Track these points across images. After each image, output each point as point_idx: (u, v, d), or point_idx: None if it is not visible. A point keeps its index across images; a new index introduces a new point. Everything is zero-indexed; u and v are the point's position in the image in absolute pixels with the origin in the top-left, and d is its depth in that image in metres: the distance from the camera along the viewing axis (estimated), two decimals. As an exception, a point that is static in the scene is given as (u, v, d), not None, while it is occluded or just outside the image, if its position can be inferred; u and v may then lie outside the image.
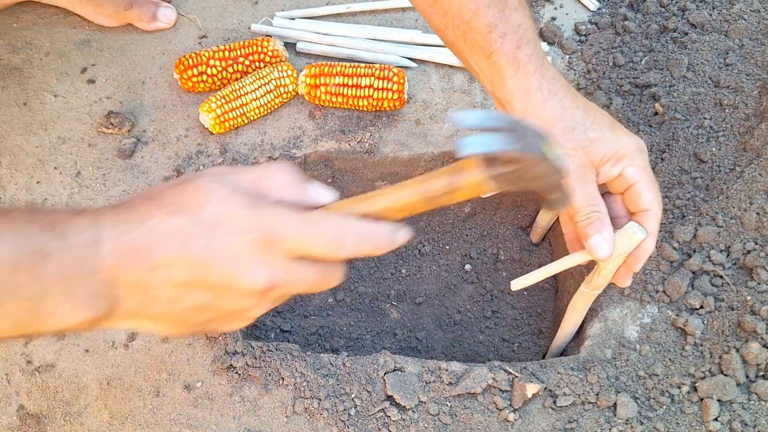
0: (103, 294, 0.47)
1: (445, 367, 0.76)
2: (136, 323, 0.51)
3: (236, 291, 0.50)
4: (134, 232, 0.47)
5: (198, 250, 0.47)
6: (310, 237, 0.50)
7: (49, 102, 0.99)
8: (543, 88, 0.68)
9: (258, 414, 0.75)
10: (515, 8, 0.68)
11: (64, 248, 0.45)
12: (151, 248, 0.47)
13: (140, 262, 0.47)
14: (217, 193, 0.49)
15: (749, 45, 0.98)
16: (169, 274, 0.48)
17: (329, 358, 0.77)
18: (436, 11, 0.70)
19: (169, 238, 0.47)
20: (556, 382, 0.76)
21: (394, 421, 0.73)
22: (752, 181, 0.84)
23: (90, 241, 0.46)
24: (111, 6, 1.05)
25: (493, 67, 0.69)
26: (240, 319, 0.54)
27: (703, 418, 0.73)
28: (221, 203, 0.49)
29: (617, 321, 0.81)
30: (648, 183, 0.69)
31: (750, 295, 0.78)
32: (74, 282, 0.45)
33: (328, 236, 0.50)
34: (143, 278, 0.47)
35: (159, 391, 0.77)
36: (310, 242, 0.50)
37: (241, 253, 0.48)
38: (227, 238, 0.48)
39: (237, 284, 0.49)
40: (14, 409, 0.76)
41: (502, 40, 0.67)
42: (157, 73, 1.03)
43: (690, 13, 1.04)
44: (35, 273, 0.44)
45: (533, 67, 0.68)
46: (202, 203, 0.49)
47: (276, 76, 0.97)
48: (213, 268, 0.48)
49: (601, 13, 1.14)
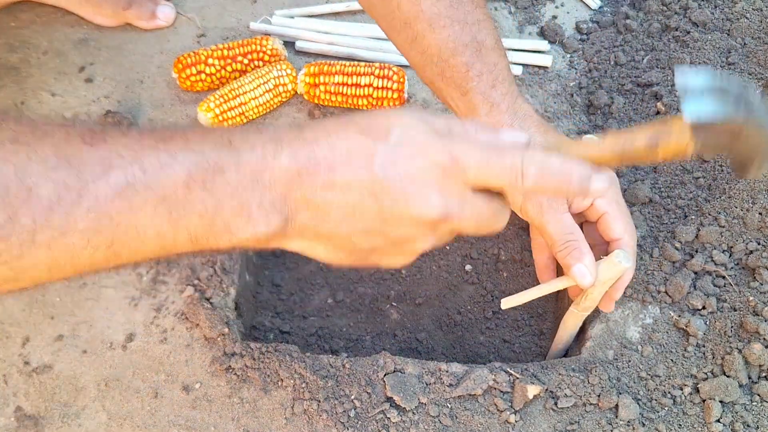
0: (277, 208, 0.47)
1: (445, 368, 0.76)
2: (305, 243, 0.50)
3: (409, 216, 0.48)
4: (315, 145, 0.47)
5: (379, 168, 0.47)
6: (493, 163, 0.48)
7: (47, 101, 0.99)
8: (514, 125, 0.71)
9: (257, 415, 0.74)
10: (491, 48, 0.71)
11: (239, 163, 0.46)
12: (333, 163, 0.47)
13: (318, 177, 0.47)
14: (406, 119, 0.49)
15: (751, 44, 0.98)
16: (345, 192, 0.47)
17: (329, 359, 0.77)
18: (415, 48, 0.72)
19: (352, 155, 0.47)
20: (557, 383, 0.75)
21: (394, 422, 0.72)
22: (755, 181, 0.84)
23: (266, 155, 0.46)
24: (110, 6, 1.05)
25: (468, 105, 0.71)
26: (404, 252, 0.52)
27: (705, 420, 0.73)
28: (410, 127, 0.48)
29: (619, 322, 0.80)
30: (617, 213, 0.71)
31: (752, 296, 0.78)
32: (248, 197, 0.46)
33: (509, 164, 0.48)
34: (318, 193, 0.47)
35: (157, 392, 0.76)
36: (492, 169, 0.48)
37: (422, 177, 0.47)
38: (410, 160, 0.47)
39: (411, 208, 0.48)
40: (11, 411, 0.75)
41: (478, 79, 0.70)
42: (155, 72, 1.03)
43: (692, 11, 1.04)
44: (209, 188, 0.45)
45: (506, 105, 0.71)
46: (390, 126, 0.48)
47: (275, 75, 0.97)
48: (391, 189, 0.47)
49: (602, 11, 1.14)
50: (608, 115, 1.00)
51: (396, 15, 0.71)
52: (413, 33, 0.71)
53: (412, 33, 0.71)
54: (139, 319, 0.81)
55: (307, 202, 0.47)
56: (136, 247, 0.45)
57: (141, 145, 0.44)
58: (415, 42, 0.71)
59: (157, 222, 0.44)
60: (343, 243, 0.50)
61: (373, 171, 0.47)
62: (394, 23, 0.72)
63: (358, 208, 0.48)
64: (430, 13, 0.69)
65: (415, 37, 0.71)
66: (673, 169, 0.91)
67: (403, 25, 0.71)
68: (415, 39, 0.71)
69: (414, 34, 0.71)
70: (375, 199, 0.47)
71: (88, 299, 0.82)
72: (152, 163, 0.44)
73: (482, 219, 0.51)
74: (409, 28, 0.71)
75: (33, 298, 0.82)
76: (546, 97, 1.03)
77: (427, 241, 0.51)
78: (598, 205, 0.71)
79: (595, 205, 0.71)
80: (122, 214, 0.43)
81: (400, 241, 0.51)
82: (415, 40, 0.71)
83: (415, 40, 0.71)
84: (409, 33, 0.71)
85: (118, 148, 0.44)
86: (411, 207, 0.48)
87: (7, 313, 0.81)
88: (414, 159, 0.47)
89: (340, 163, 0.47)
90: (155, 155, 0.44)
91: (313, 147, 0.47)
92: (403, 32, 0.72)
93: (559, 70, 1.07)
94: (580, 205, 0.72)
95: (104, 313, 0.82)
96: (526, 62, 1.06)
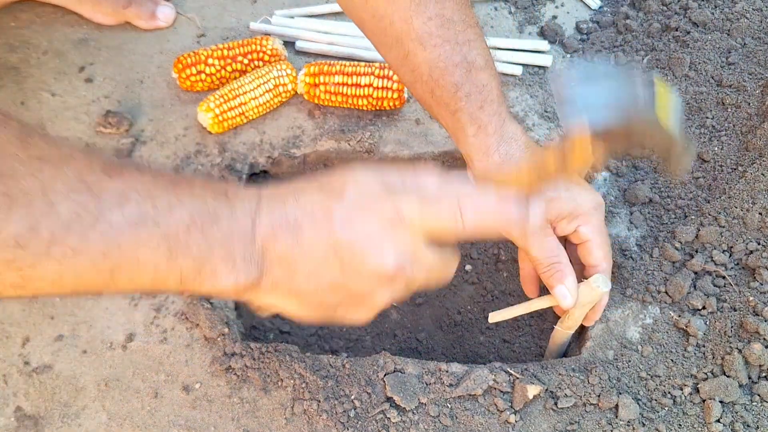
0: (256, 260, 0.51)
1: (445, 368, 0.76)
2: (276, 298, 0.54)
3: (367, 270, 0.52)
4: (287, 205, 0.51)
5: (338, 227, 0.51)
6: (430, 210, 0.52)
7: (47, 101, 0.99)
8: (500, 150, 0.71)
9: (257, 416, 0.74)
10: (481, 68, 0.71)
11: (232, 215, 0.50)
12: (300, 222, 0.51)
13: (289, 235, 0.51)
14: (360, 176, 0.53)
15: (751, 44, 0.98)
16: (311, 249, 0.51)
17: (329, 359, 0.77)
18: (406, 66, 0.72)
19: (314, 214, 0.51)
20: (557, 383, 0.75)
21: (394, 422, 0.72)
22: (755, 181, 0.84)
23: (252, 211, 0.51)
24: (109, 4, 1.05)
25: (456, 124, 0.72)
26: (365, 306, 0.56)
27: (705, 420, 0.73)
28: (363, 185, 0.52)
29: (619, 322, 0.80)
30: (599, 242, 0.73)
31: (752, 296, 0.78)
32: (234, 246, 0.50)
33: (446, 208, 0.53)
34: (289, 250, 0.51)
35: (157, 392, 0.76)
36: (431, 216, 0.53)
37: (376, 234, 0.51)
38: (364, 218, 0.51)
39: (368, 263, 0.52)
40: (11, 411, 0.75)
41: (466, 100, 0.71)
42: (155, 72, 1.03)
43: (692, 11, 1.04)
44: (206, 234, 0.48)
45: (493, 128, 0.71)
46: (345, 183, 0.52)
47: (275, 75, 0.97)
48: (349, 246, 0.51)
49: (602, 11, 1.14)
50: (608, 115, 1.00)
51: (388, 32, 0.71)
52: (404, 51, 0.71)
53: (403, 51, 0.71)
54: (139, 319, 0.81)
55: (280, 259, 0.51)
56: (133, 278, 0.48)
57: (155, 185, 0.48)
58: (406, 59, 0.72)
59: (157, 257, 0.47)
60: (310, 299, 0.54)
61: (333, 230, 0.51)
62: (385, 40, 0.73)
63: (322, 265, 0.52)
64: (421, 32, 0.69)
65: (406, 55, 0.71)
66: (673, 169, 0.91)
67: (395, 42, 0.71)
68: (406, 56, 0.71)
69: (405, 52, 0.71)
70: (336, 256, 0.51)
71: (88, 299, 0.82)
72: (162, 203, 0.47)
73: (433, 269, 0.55)
74: (401, 46, 0.71)
75: (33, 298, 0.82)
76: (546, 97, 1.03)
77: (386, 294, 0.55)
78: (582, 233, 0.73)
79: (579, 232, 0.73)
80: (129, 244, 0.46)
81: (362, 295, 0.55)
82: (406, 57, 0.71)
83: (406, 57, 0.71)
84: (401, 50, 0.71)
85: (134, 183, 0.47)
86: (368, 262, 0.52)
87: (7, 313, 0.81)
88: (367, 216, 0.51)
89: (306, 222, 0.51)
90: (166, 196, 0.48)
91: (285, 207, 0.51)
92: (394, 49, 0.72)
93: (559, 70, 1.07)
94: (565, 229, 0.73)
95: (104, 313, 0.82)
96: (526, 62, 1.06)
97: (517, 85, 1.04)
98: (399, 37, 0.71)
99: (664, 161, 0.54)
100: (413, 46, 0.70)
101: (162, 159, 0.94)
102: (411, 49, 0.71)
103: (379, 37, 0.74)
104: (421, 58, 0.70)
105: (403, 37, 0.70)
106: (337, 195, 0.52)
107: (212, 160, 0.94)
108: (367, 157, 0.96)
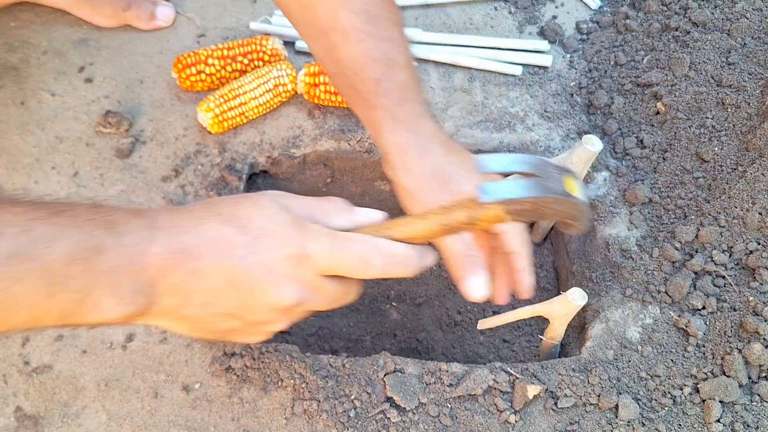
0: (144, 291, 0.49)
1: (445, 368, 0.76)
2: (165, 322, 0.54)
3: (265, 303, 0.53)
4: (186, 234, 0.51)
5: (239, 260, 0.51)
6: (340, 256, 0.53)
7: (47, 101, 0.99)
8: (417, 145, 0.71)
9: (257, 416, 0.74)
10: (402, 66, 0.71)
11: (118, 246, 0.48)
12: (198, 252, 0.50)
13: (185, 264, 0.50)
14: (268, 209, 0.53)
15: (751, 44, 0.98)
16: (208, 279, 0.51)
17: (329, 359, 0.77)
18: (330, 58, 0.72)
19: (215, 245, 0.51)
20: (557, 383, 0.75)
21: (394, 422, 0.72)
22: (755, 181, 0.84)
23: (143, 240, 0.49)
24: (109, 7, 1.05)
25: (374, 120, 0.72)
26: (260, 332, 0.57)
27: (705, 420, 0.73)
28: (269, 219, 0.52)
29: (619, 322, 0.80)
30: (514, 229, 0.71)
31: (752, 296, 0.78)
32: (121, 278, 0.48)
33: (356, 256, 0.53)
34: (184, 280, 0.50)
35: (157, 392, 0.76)
36: (340, 261, 0.53)
37: (277, 269, 0.51)
38: (266, 252, 0.51)
39: (267, 298, 0.52)
40: (11, 411, 0.75)
41: (385, 96, 0.70)
42: (155, 72, 1.03)
43: (692, 11, 1.04)
44: (88, 267, 0.46)
45: (411, 125, 0.71)
46: (252, 216, 0.52)
47: (275, 75, 0.97)
48: (249, 279, 0.51)
49: (602, 11, 1.14)
50: (608, 115, 1.00)
51: (314, 23, 0.71)
52: (329, 43, 0.71)
53: (327, 43, 0.71)
54: (139, 319, 0.81)
55: (175, 288, 0.51)
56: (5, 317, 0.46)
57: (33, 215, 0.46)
58: (330, 52, 0.72)
59: (33, 294, 0.45)
60: (202, 324, 0.55)
61: (233, 261, 0.51)
62: (311, 30, 0.73)
63: (219, 295, 0.52)
64: (346, 26, 0.69)
65: (331, 48, 0.71)
66: (673, 169, 0.91)
67: (320, 33, 0.71)
68: (331, 49, 0.71)
69: (329, 45, 0.71)
70: (235, 288, 0.51)
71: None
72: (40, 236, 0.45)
73: (333, 299, 0.56)
74: (325, 38, 0.71)
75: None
76: (546, 97, 1.03)
77: (282, 322, 0.56)
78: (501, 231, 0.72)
79: None
80: (3, 282, 0.44)
81: (257, 323, 0.55)
82: (330, 50, 0.71)
83: (330, 50, 0.71)
84: (325, 42, 0.71)
85: (8, 216, 0.45)
86: (267, 296, 0.52)
87: (6, 313, 0.81)
88: (270, 251, 0.51)
89: (206, 252, 0.50)
90: (44, 228, 0.45)
91: (183, 236, 0.50)
92: (319, 41, 0.73)
93: (559, 70, 1.07)
94: None
95: (104, 313, 0.82)
96: (526, 62, 1.06)
97: (517, 85, 1.04)
98: (324, 29, 0.71)
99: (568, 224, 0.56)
100: (337, 38, 0.70)
101: (162, 159, 0.94)
102: (335, 42, 0.70)
103: (305, 27, 0.74)
104: (344, 50, 0.70)
105: (329, 29, 0.70)
106: (242, 227, 0.51)
107: (212, 160, 0.94)
108: (367, 157, 0.96)
